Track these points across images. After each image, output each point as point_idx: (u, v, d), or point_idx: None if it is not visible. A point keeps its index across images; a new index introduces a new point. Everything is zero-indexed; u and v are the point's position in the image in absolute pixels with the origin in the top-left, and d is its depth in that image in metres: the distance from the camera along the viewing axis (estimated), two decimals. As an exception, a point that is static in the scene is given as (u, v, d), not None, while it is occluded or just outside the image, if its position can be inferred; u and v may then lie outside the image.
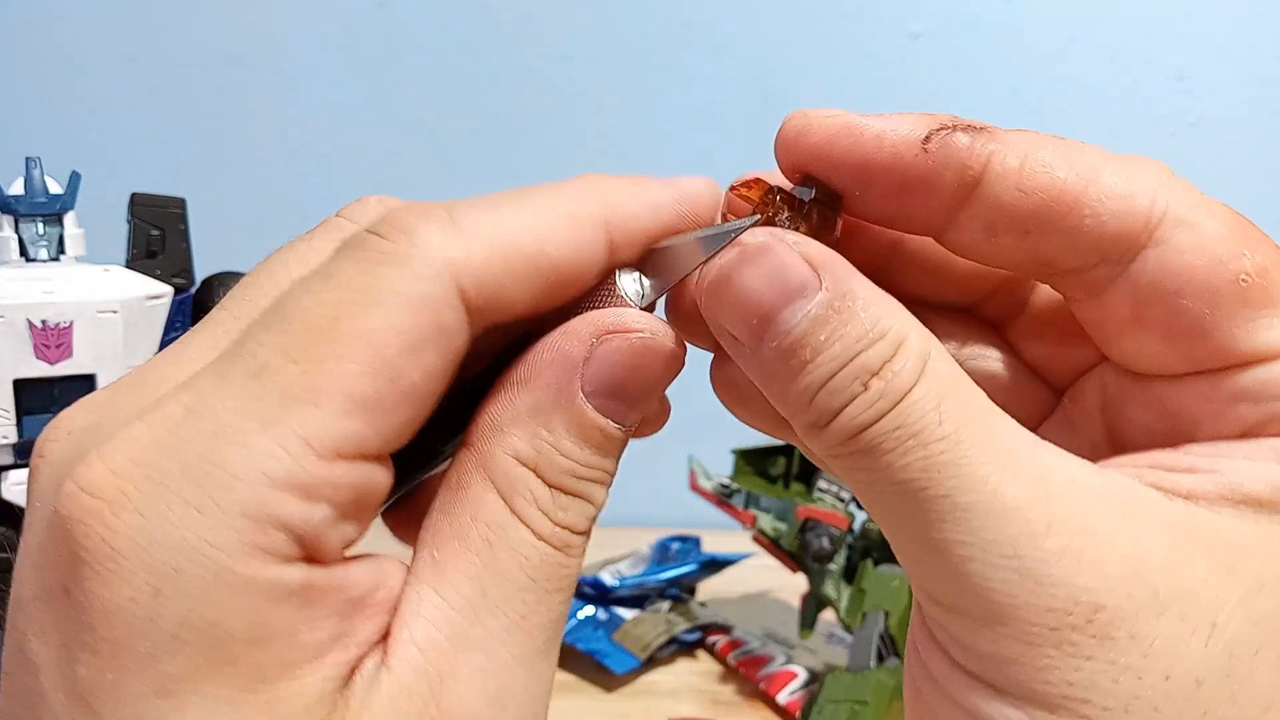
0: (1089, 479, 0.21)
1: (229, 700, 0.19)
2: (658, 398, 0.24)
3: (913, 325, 0.22)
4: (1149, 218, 0.22)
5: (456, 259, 0.22)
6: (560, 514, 0.23)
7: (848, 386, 0.21)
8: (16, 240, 0.53)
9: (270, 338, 0.21)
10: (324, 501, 0.20)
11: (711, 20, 0.97)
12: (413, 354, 0.21)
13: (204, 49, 0.98)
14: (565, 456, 0.23)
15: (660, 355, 0.24)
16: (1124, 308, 0.23)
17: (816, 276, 0.22)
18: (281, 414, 0.20)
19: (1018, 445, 0.21)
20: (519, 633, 0.22)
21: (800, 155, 0.24)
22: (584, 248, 0.23)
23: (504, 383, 0.24)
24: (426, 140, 0.99)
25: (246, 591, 0.19)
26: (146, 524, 0.19)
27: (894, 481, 0.21)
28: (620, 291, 0.24)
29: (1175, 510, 0.21)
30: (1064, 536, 0.20)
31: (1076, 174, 0.22)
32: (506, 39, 0.98)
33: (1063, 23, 0.95)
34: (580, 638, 0.70)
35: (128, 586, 0.19)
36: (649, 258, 0.25)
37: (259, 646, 0.19)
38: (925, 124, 0.23)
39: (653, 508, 0.91)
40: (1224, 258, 0.22)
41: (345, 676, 0.21)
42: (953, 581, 0.21)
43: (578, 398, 0.23)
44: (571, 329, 0.23)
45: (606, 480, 0.24)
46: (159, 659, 0.19)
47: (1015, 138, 0.23)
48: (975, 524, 0.20)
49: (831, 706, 0.59)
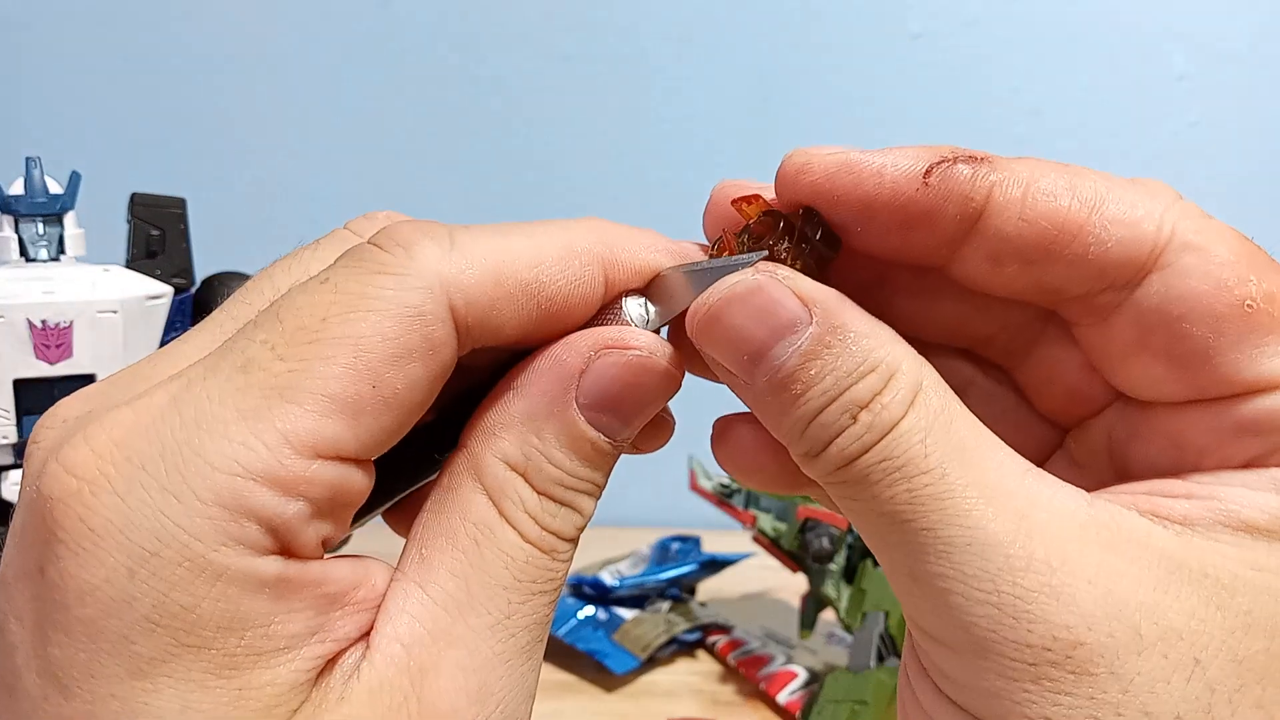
0: (1077, 509, 0.21)
1: (201, 684, 0.20)
2: (650, 417, 0.25)
3: (906, 356, 0.22)
4: (1155, 243, 0.22)
5: (450, 275, 0.22)
6: (548, 519, 0.23)
7: (837, 419, 0.22)
8: (16, 240, 0.53)
9: (261, 335, 0.21)
10: (299, 497, 0.20)
11: (711, 21, 0.97)
12: (397, 362, 0.21)
13: (204, 49, 0.98)
14: (554, 465, 0.23)
15: (656, 374, 0.24)
16: (1128, 332, 0.23)
17: (808, 312, 0.22)
18: (263, 408, 0.20)
19: (1005, 477, 0.21)
20: (502, 631, 0.22)
21: (800, 193, 0.24)
22: (579, 279, 0.24)
23: (501, 388, 0.24)
24: (427, 140, 0.99)
25: (220, 580, 0.20)
26: (124, 506, 0.19)
27: (881, 513, 0.21)
28: (625, 316, 0.25)
29: (1166, 541, 0.21)
30: (1044, 573, 0.20)
31: (1080, 201, 0.22)
32: (506, 39, 0.98)
33: (1063, 23, 0.95)
34: (580, 638, 0.70)
35: (103, 567, 0.19)
36: (655, 284, 0.25)
37: (231, 634, 0.20)
38: (926, 157, 0.23)
39: (653, 508, 0.90)
40: (1229, 283, 0.22)
41: (319, 670, 0.21)
42: (936, 614, 0.21)
43: (571, 408, 0.23)
44: (572, 341, 0.24)
45: (595, 492, 0.24)
46: (133, 640, 0.19)
47: (1018, 166, 0.23)
48: (956, 558, 0.20)
49: (831, 706, 0.59)
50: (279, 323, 0.21)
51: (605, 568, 0.76)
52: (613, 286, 0.25)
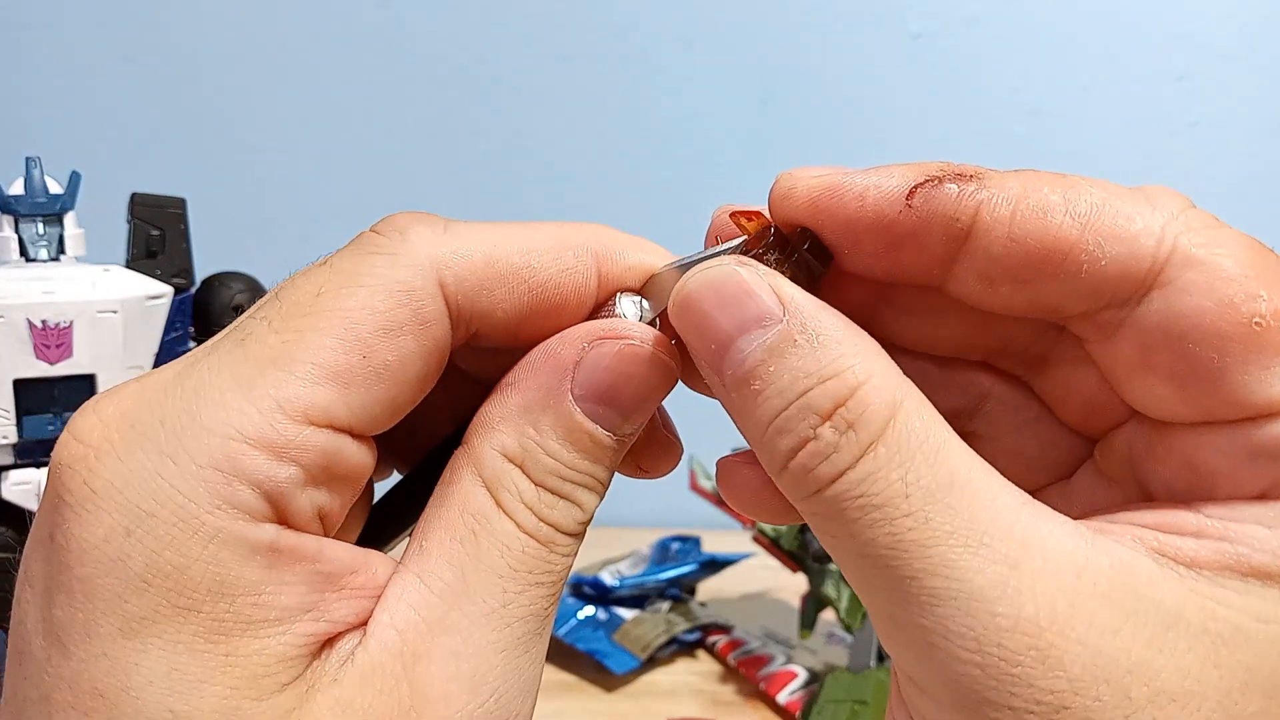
0: (1074, 554, 0.20)
1: (189, 648, 0.20)
2: (650, 409, 0.24)
3: (880, 371, 0.21)
4: (1154, 259, 0.21)
5: (441, 256, 0.23)
6: (546, 510, 0.23)
7: (796, 427, 0.21)
8: (16, 240, 0.53)
9: (261, 313, 0.22)
10: (292, 462, 0.21)
11: (711, 20, 0.97)
12: (388, 335, 0.22)
13: (204, 49, 0.98)
14: (551, 457, 0.23)
15: (651, 364, 0.24)
16: (1132, 351, 0.22)
17: (781, 309, 0.21)
18: (257, 376, 0.21)
19: (997, 517, 0.20)
20: (497, 620, 0.22)
21: (788, 217, 0.24)
22: (571, 269, 0.24)
23: (500, 383, 0.24)
24: (427, 140, 0.99)
25: (212, 542, 0.20)
26: (124, 468, 0.20)
27: (861, 554, 0.20)
28: (620, 313, 0.25)
29: (1168, 589, 0.20)
30: (1031, 633, 0.19)
31: (1073, 217, 0.21)
32: (506, 39, 0.98)
33: (1063, 23, 0.95)
34: (580, 638, 0.70)
35: (101, 526, 0.20)
36: (650, 284, 0.25)
37: (221, 599, 0.20)
38: (911, 177, 0.22)
39: (653, 508, 0.90)
40: (1235, 299, 0.20)
41: (313, 649, 0.21)
42: (918, 663, 0.20)
43: (566, 399, 0.23)
44: (567, 334, 0.24)
45: (595, 486, 0.24)
46: (125, 598, 0.20)
47: (1009, 182, 0.22)
48: (940, 611, 0.20)
49: (831, 706, 0.59)
50: (278, 301, 0.22)
51: (605, 568, 0.76)
52: (607, 283, 0.25)
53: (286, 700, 0.20)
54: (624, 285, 0.25)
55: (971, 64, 0.95)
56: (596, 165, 0.99)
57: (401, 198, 0.98)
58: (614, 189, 0.99)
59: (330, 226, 1.02)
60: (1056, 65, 0.95)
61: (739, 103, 0.97)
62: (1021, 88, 0.96)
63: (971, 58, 0.95)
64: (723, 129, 0.98)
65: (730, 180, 0.96)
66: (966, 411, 0.27)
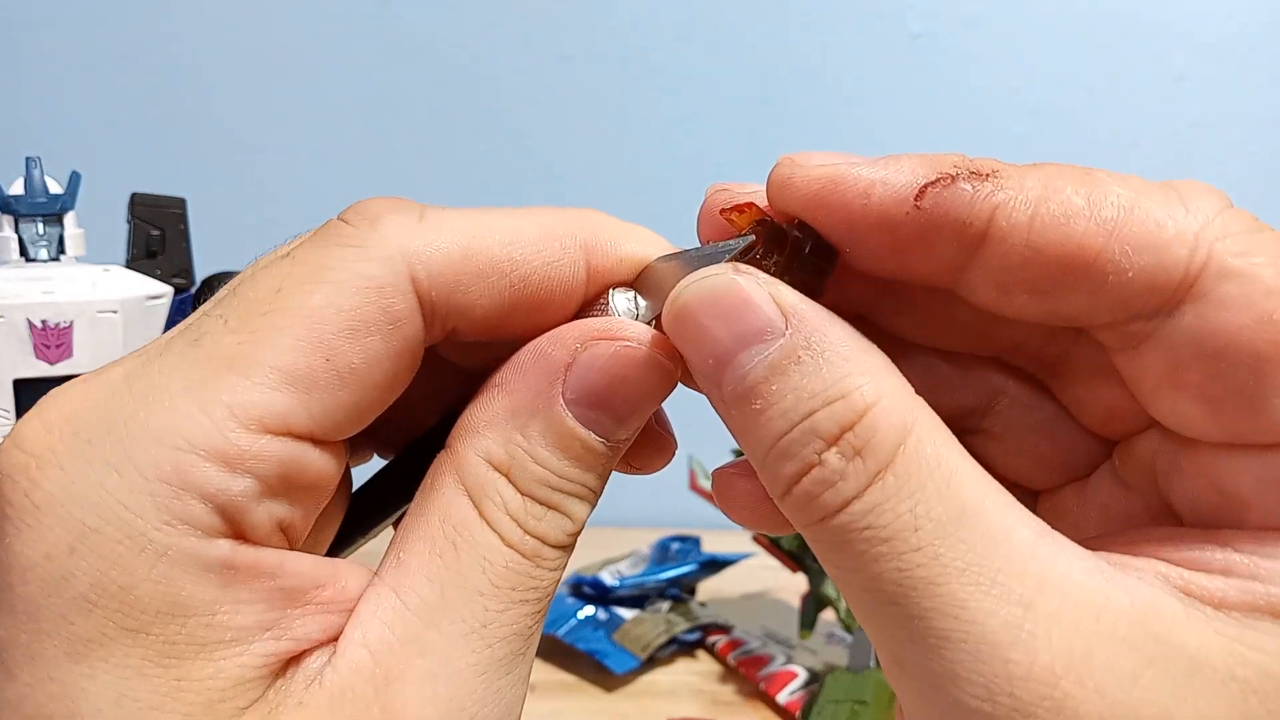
0: (1094, 592, 0.18)
1: (138, 671, 0.19)
2: (646, 414, 0.23)
3: (890, 391, 0.20)
4: (1187, 269, 0.19)
5: (414, 248, 0.21)
6: (532, 522, 0.22)
7: (800, 451, 0.19)
8: (16, 240, 0.53)
9: (218, 310, 0.21)
10: (247, 474, 0.19)
11: (711, 20, 0.97)
12: (354, 335, 0.20)
13: (204, 49, 0.98)
14: (540, 465, 0.22)
15: (648, 366, 0.22)
16: (1160, 365, 0.20)
17: (784, 321, 0.20)
18: (210, 380, 0.19)
19: (1010, 556, 0.19)
20: (477, 641, 0.21)
21: (786, 208, 0.22)
22: (557, 262, 0.22)
23: (486, 384, 0.23)
24: (426, 140, 0.99)
25: (161, 560, 0.19)
26: (69, 480, 0.19)
27: (866, 588, 0.19)
28: (613, 309, 0.23)
29: (1193, 632, 0.18)
30: (1046, 682, 0.18)
31: (1098, 223, 0.19)
32: (506, 39, 0.98)
33: (1063, 23, 0.95)
34: (580, 638, 0.70)
35: (44, 542, 0.19)
36: (644, 276, 0.24)
37: (171, 620, 0.19)
38: (923, 173, 0.20)
39: (653, 508, 0.90)
40: (1276, 316, 0.19)
41: (273, 669, 0.20)
42: (922, 706, 0.19)
43: (557, 404, 0.22)
44: (557, 333, 0.22)
45: (587, 495, 0.22)
46: (70, 619, 0.18)
47: (1029, 182, 0.20)
48: (949, 654, 0.18)
49: (832, 706, 0.58)
50: (235, 297, 0.21)
51: (605, 568, 0.76)
52: (597, 276, 0.23)
53: None
54: (616, 278, 0.23)
55: (971, 64, 0.95)
56: (596, 165, 0.99)
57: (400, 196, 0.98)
58: (614, 189, 0.99)
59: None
60: (1056, 65, 0.95)
61: (739, 102, 0.97)
62: (1021, 88, 0.96)
63: (971, 58, 0.95)
64: (723, 129, 0.98)
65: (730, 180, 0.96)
66: (978, 409, 0.25)
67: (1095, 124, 0.96)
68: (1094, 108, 0.96)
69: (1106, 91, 0.95)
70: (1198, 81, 0.95)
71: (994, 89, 0.96)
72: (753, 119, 0.97)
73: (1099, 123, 0.96)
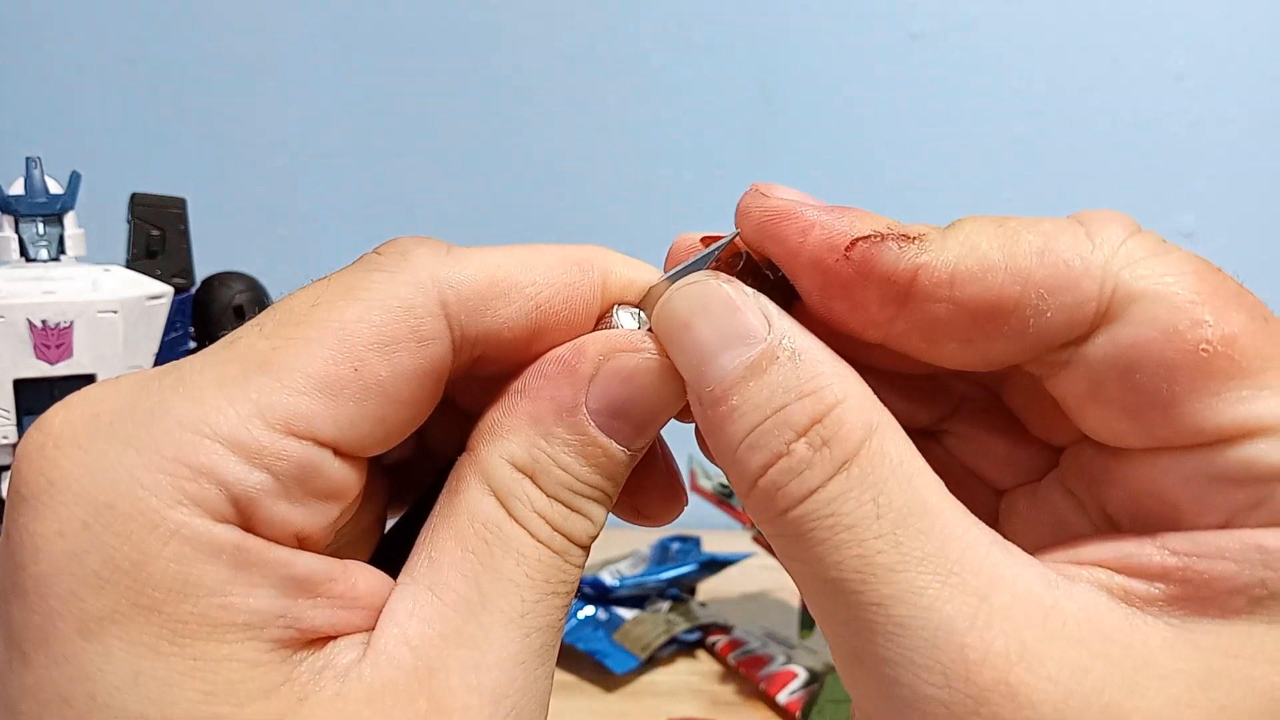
0: (1043, 593, 0.20)
1: (153, 649, 0.19)
2: (663, 423, 0.24)
3: (855, 394, 0.21)
4: (1099, 300, 0.21)
5: (442, 275, 0.22)
6: (560, 520, 0.23)
7: (769, 443, 0.21)
8: (16, 240, 0.53)
9: (256, 321, 0.21)
10: (264, 469, 0.20)
11: (711, 20, 0.97)
12: (383, 350, 0.21)
13: (204, 49, 0.98)
14: (563, 470, 0.23)
15: (666, 377, 0.23)
16: (1082, 385, 0.22)
17: (766, 326, 0.21)
18: (241, 378, 0.20)
19: (967, 551, 0.20)
20: (516, 630, 0.21)
21: (744, 233, 0.23)
22: (577, 284, 0.24)
23: (505, 391, 0.24)
24: (427, 140, 0.99)
25: (174, 538, 0.19)
26: (85, 457, 0.19)
27: (826, 579, 0.20)
28: (617, 324, 0.24)
29: (1136, 632, 0.20)
30: (1001, 667, 0.18)
31: (1013, 274, 0.21)
32: (506, 39, 0.98)
33: (1063, 23, 0.95)
34: (580, 638, 0.70)
35: (56, 519, 0.19)
36: (648, 298, 0.25)
37: (184, 599, 0.19)
38: (860, 227, 0.22)
39: (653, 508, 0.90)
40: (1181, 327, 0.20)
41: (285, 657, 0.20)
42: (879, 699, 0.20)
43: (581, 413, 0.23)
44: (579, 344, 0.23)
45: (605, 500, 0.23)
46: (82, 596, 0.19)
47: (950, 244, 0.21)
48: (907, 642, 0.19)
49: (832, 706, 0.59)
50: (273, 311, 0.22)
51: (605, 568, 0.76)
52: (608, 298, 0.24)
53: (272, 708, 0.19)
54: (623, 300, 0.25)
55: (971, 64, 0.95)
56: (596, 165, 0.99)
57: (401, 197, 0.98)
58: (614, 189, 0.99)
59: (330, 227, 1.02)
60: (1056, 65, 0.95)
61: (739, 103, 0.97)
62: (1021, 88, 0.96)
63: (971, 58, 0.95)
64: (723, 129, 0.98)
65: (730, 180, 0.96)
66: (944, 414, 0.27)
67: (1095, 124, 0.96)
68: (1094, 108, 0.96)
69: (1106, 91, 0.95)
70: (1198, 81, 0.95)
71: (994, 89, 0.96)
72: (753, 119, 0.97)
73: (1099, 123, 0.96)
